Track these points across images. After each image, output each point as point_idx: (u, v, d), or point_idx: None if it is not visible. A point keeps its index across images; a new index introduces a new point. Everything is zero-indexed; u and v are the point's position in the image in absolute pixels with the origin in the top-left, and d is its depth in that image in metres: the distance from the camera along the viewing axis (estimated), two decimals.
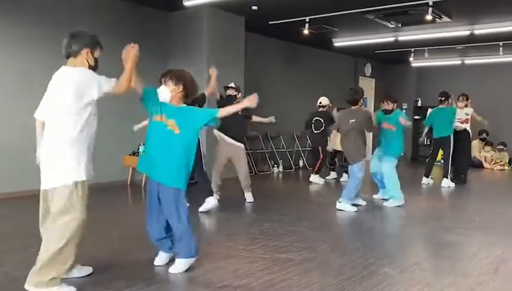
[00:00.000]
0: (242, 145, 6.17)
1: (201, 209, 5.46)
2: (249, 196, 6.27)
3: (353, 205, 5.86)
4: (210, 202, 5.48)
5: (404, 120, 6.11)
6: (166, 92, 3.37)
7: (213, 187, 5.87)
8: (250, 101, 3.46)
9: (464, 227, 5.19)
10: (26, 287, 2.88)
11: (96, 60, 3.20)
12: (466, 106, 8.52)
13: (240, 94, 6.28)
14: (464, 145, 8.40)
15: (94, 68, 3.18)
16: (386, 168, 6.18)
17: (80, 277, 3.21)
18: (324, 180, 8.30)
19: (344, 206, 5.77)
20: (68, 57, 3.11)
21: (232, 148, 6.08)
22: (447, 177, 8.07)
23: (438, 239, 4.68)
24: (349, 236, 4.88)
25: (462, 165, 8.40)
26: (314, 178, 8.26)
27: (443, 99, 8.19)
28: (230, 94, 6.18)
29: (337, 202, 5.83)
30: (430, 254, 4.24)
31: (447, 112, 8.07)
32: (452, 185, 8.03)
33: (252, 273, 3.41)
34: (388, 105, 6.24)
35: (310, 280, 3.28)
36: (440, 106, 8.21)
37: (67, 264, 2.93)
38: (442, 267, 3.69)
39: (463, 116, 8.40)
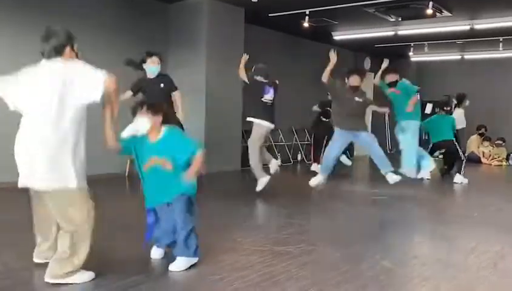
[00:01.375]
0: (255, 120, 6.12)
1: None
2: (259, 183, 6.09)
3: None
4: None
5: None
6: (146, 123, 3.17)
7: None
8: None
9: (463, 222, 5.19)
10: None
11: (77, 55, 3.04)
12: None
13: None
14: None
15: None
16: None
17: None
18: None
19: (394, 177, 5.87)
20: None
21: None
22: (460, 173, 8.07)
23: (437, 234, 4.68)
24: (348, 229, 4.87)
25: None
26: (316, 168, 8.19)
27: (445, 108, 8.50)
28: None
29: (388, 175, 5.90)
30: (429, 248, 4.24)
31: (447, 119, 8.24)
32: (466, 181, 7.97)
33: (251, 265, 3.40)
34: (393, 78, 6.37)
35: (309, 273, 3.28)
36: (441, 113, 8.35)
37: None
38: (441, 262, 3.69)
39: None
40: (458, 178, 8.02)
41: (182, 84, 8.17)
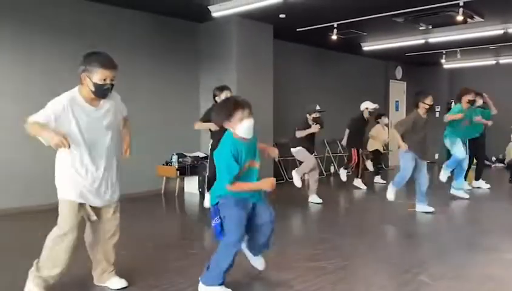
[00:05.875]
0: (294, 149, 6.92)
1: None
2: (314, 198, 6.65)
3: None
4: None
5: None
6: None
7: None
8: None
9: (500, 232, 5.05)
10: None
11: (96, 85, 2.90)
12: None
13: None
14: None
15: (96, 92, 2.94)
16: None
17: (115, 289, 3.27)
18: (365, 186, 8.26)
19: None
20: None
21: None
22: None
23: (474, 245, 4.56)
24: (382, 243, 4.81)
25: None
26: (356, 182, 8.38)
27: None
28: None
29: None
30: (466, 260, 4.14)
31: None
32: (486, 185, 8.05)
33: (284, 282, 3.42)
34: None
35: (343, 289, 3.27)
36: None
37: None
38: (479, 275, 3.60)
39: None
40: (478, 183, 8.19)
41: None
